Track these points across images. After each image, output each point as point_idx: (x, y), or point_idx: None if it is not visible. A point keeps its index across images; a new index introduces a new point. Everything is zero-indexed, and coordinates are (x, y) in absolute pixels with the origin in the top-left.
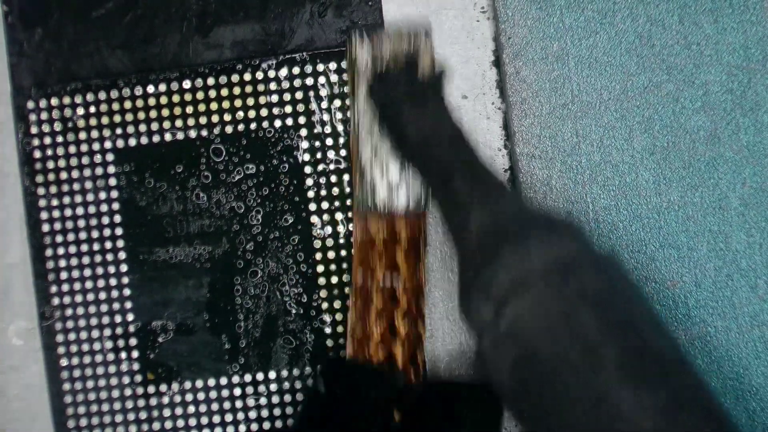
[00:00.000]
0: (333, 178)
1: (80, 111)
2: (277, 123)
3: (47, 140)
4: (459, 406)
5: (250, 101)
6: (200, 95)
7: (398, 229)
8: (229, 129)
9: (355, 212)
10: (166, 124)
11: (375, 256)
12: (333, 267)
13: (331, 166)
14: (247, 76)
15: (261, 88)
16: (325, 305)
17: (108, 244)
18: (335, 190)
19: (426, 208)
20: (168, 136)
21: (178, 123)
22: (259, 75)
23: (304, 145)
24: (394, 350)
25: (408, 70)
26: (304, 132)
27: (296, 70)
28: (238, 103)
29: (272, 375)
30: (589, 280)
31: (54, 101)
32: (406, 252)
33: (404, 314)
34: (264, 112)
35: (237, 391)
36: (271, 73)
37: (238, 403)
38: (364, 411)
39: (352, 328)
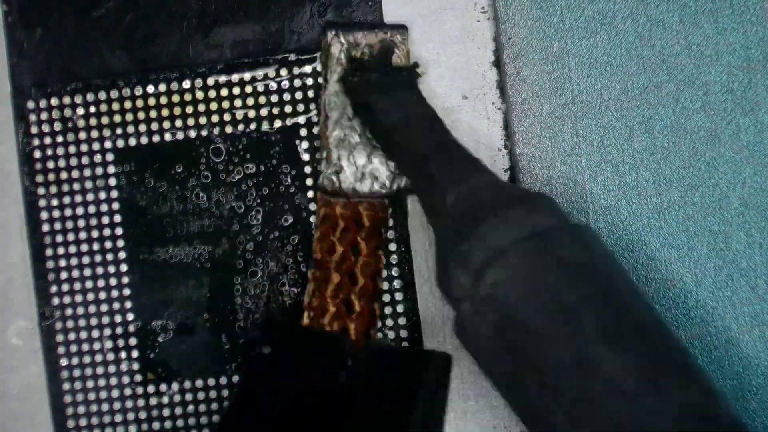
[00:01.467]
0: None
1: (80, 111)
2: (277, 123)
3: (47, 140)
4: (409, 370)
5: (250, 101)
6: (200, 95)
7: (361, 213)
8: (229, 129)
9: (320, 189)
10: (166, 124)
11: (336, 234)
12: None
13: None
14: (247, 76)
15: (261, 88)
16: None
17: (108, 244)
18: None
19: (393, 193)
20: (168, 136)
21: (178, 123)
22: (259, 75)
23: (304, 145)
24: (348, 325)
25: (382, 60)
26: (304, 132)
27: (296, 70)
28: (238, 103)
29: None
30: (567, 249)
31: (54, 101)
32: (368, 235)
33: (361, 292)
34: (264, 112)
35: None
36: (271, 73)
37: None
38: (310, 371)
39: (309, 299)
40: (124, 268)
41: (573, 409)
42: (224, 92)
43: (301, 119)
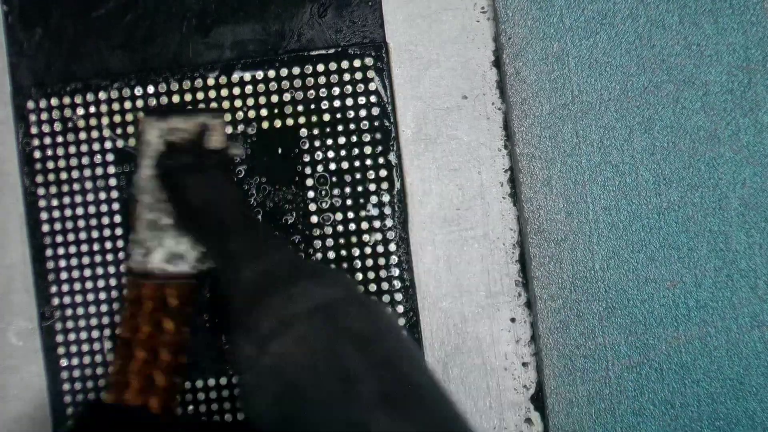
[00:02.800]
0: (333, 178)
1: (80, 111)
2: (278, 123)
3: (47, 140)
4: None
5: (250, 101)
6: (200, 95)
7: (167, 295)
8: (228, 129)
9: (127, 270)
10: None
11: (142, 315)
12: (332, 266)
13: (332, 166)
14: (247, 76)
15: (261, 88)
16: None
17: (108, 244)
18: (335, 190)
19: (200, 273)
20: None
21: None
22: (259, 75)
23: (305, 144)
24: (149, 399)
25: (195, 145)
26: (304, 132)
27: (296, 70)
28: (238, 103)
29: None
30: (351, 320)
31: (54, 101)
32: (173, 315)
33: (164, 368)
34: (264, 112)
35: (237, 391)
36: (271, 73)
37: (238, 403)
38: None
39: (113, 376)
40: (124, 268)
41: None
42: (224, 92)
43: (301, 119)
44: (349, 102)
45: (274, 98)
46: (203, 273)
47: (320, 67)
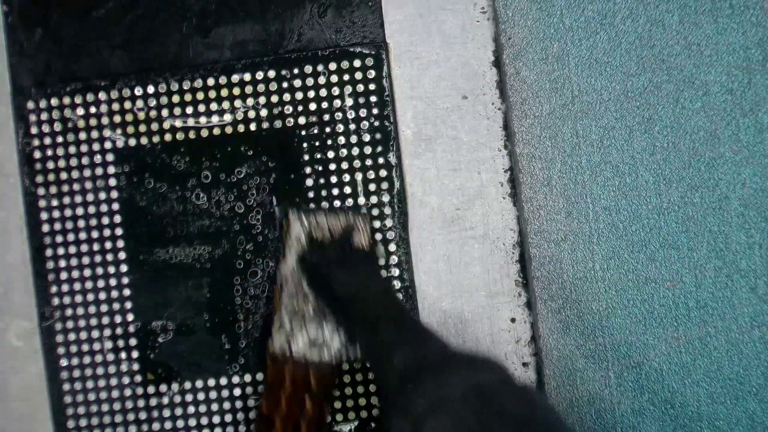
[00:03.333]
0: (333, 179)
1: (80, 111)
2: (277, 123)
3: (47, 140)
4: None
5: (250, 101)
6: (200, 95)
7: (310, 379)
8: (228, 129)
9: (270, 354)
10: (166, 124)
11: (284, 395)
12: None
13: (332, 166)
14: (247, 76)
15: (261, 88)
16: None
17: (108, 244)
18: (335, 190)
19: (341, 362)
20: (168, 136)
21: (178, 123)
22: (259, 75)
23: (305, 144)
24: None
25: (342, 241)
26: (303, 132)
27: (296, 70)
28: (238, 103)
29: None
30: (507, 403)
31: (54, 101)
32: (315, 395)
33: None
34: (264, 112)
35: (237, 391)
36: (271, 73)
37: (238, 403)
38: None
39: None
40: (124, 268)
41: None
42: (224, 92)
43: (301, 119)
44: (349, 102)
45: (274, 98)
46: (344, 362)
47: (320, 67)
